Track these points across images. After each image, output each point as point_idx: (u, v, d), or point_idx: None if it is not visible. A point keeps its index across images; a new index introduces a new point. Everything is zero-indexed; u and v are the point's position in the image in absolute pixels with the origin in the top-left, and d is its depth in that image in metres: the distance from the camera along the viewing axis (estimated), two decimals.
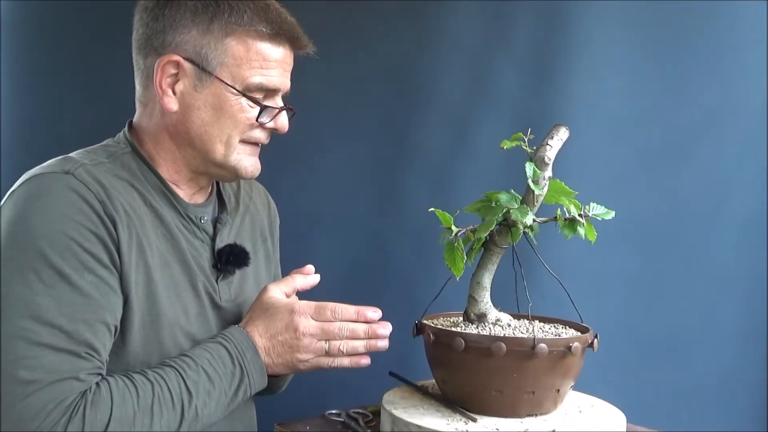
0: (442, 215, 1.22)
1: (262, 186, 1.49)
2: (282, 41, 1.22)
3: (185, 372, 1.12)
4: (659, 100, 1.84)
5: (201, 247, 1.26)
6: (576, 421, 1.20)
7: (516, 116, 1.85)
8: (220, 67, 1.19)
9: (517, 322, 1.29)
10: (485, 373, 1.17)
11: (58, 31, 2.05)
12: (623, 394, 1.34)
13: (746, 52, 1.81)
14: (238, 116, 1.21)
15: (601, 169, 1.86)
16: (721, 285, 1.83)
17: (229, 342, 1.18)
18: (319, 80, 1.90)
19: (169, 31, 1.19)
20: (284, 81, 1.25)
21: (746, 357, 1.82)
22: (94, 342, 1.07)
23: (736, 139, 1.83)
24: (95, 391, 1.05)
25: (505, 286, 1.25)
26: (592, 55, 1.85)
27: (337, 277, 1.88)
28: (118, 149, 1.23)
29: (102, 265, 1.09)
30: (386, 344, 1.23)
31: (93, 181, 1.12)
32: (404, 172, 1.92)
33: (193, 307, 1.22)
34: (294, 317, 1.20)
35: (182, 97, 1.20)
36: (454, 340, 1.16)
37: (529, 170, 1.19)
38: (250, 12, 1.19)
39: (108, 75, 2.00)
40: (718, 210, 1.83)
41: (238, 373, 1.16)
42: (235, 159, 1.24)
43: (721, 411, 1.82)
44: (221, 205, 1.35)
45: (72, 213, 1.08)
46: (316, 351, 1.20)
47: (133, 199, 1.17)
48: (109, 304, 1.09)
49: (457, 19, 1.90)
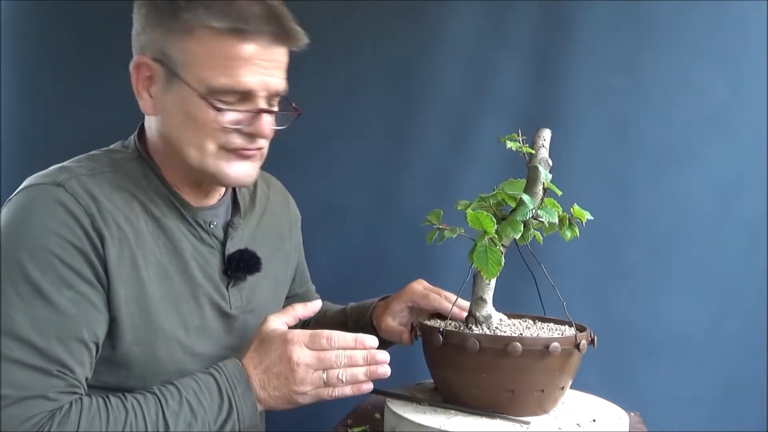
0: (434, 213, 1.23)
1: (280, 183, 1.45)
2: (252, 37, 1.10)
3: (167, 401, 1.08)
4: (664, 99, 1.84)
5: (209, 254, 1.22)
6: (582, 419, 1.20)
7: (516, 116, 1.85)
8: (184, 67, 1.12)
9: (519, 323, 1.29)
10: (499, 373, 1.16)
11: (58, 31, 2.05)
12: (626, 395, 1.34)
13: (752, 50, 1.80)
14: (202, 120, 1.12)
15: (605, 169, 1.85)
16: (728, 286, 1.82)
17: (220, 374, 1.12)
18: (318, 80, 1.90)
19: (142, 32, 1.15)
20: (264, 81, 1.13)
21: (752, 359, 1.82)
22: (67, 360, 1.04)
23: (743, 138, 1.82)
24: (65, 412, 1.03)
25: (500, 285, 1.26)
26: (593, 54, 1.85)
27: (336, 276, 1.88)
28: (124, 156, 1.20)
29: (84, 280, 1.07)
30: (387, 370, 1.15)
31: (84, 194, 1.09)
32: (404, 172, 1.92)
33: (193, 320, 1.18)
34: (288, 347, 1.12)
35: (156, 99, 1.16)
36: (467, 341, 1.16)
37: (543, 172, 1.20)
38: (207, 6, 1.10)
39: (108, 75, 1.99)
40: (724, 210, 1.83)
41: (226, 407, 1.10)
42: (213, 165, 1.15)
43: (725, 413, 1.82)
44: (235, 207, 1.30)
45: (56, 227, 1.06)
46: (313, 382, 1.12)
47: (132, 210, 1.14)
48: (88, 321, 1.06)
49: (457, 19, 1.89)
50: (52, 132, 2.06)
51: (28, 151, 2.08)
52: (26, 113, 2.07)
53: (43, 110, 2.07)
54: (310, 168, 1.93)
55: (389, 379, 1.17)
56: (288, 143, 1.96)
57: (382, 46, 1.93)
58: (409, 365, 1.36)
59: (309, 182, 1.93)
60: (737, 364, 1.82)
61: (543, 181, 1.20)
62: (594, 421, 1.20)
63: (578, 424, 1.18)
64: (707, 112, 1.83)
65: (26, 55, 2.05)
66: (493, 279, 1.22)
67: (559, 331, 1.26)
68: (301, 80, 1.99)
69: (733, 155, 1.82)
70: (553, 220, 1.18)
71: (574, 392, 1.34)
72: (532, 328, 1.26)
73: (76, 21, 2.07)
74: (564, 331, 1.26)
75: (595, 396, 1.35)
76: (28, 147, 2.09)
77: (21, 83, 2.04)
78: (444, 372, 1.24)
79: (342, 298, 1.55)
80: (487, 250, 1.16)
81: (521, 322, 1.31)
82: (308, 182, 1.93)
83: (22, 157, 2.06)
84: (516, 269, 1.27)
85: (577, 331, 1.24)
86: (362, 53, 1.93)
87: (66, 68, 2.05)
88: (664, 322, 1.83)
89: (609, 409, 1.27)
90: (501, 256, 1.17)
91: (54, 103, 2.02)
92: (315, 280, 1.59)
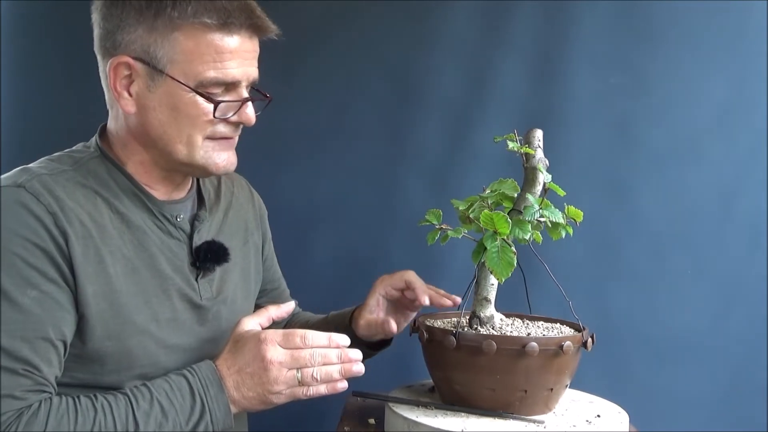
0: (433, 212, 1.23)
1: (243, 178, 1.46)
2: (235, 30, 1.14)
3: (137, 402, 1.08)
4: (665, 99, 1.84)
5: (177, 247, 1.23)
6: (580, 423, 1.20)
7: (516, 116, 1.85)
8: (171, 64, 1.13)
9: (520, 323, 1.29)
10: (477, 372, 1.17)
11: (58, 31, 2.05)
12: (627, 396, 1.34)
13: (753, 50, 1.80)
14: (194, 114, 1.15)
15: (605, 169, 1.85)
16: (729, 286, 1.82)
17: (193, 375, 1.12)
18: (318, 79, 1.90)
19: (117, 32, 1.15)
20: (246, 71, 1.17)
21: (753, 359, 1.81)
22: (33, 359, 1.04)
23: (744, 138, 1.82)
24: (34, 411, 1.03)
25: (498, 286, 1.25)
26: (593, 54, 1.85)
27: (335, 276, 1.88)
28: (86, 155, 1.20)
29: (48, 279, 1.07)
30: (362, 368, 1.15)
31: (45, 193, 1.09)
32: (403, 171, 1.92)
33: (164, 312, 1.18)
34: (261, 346, 1.12)
35: (138, 98, 1.16)
36: (446, 339, 1.17)
37: (544, 172, 1.20)
38: (194, 3, 1.12)
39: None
40: (725, 210, 1.83)
41: (198, 409, 1.10)
42: (202, 157, 1.18)
43: (726, 413, 1.82)
44: (200, 202, 1.31)
45: (17, 228, 1.06)
46: (287, 381, 1.12)
47: (95, 207, 1.14)
48: (53, 319, 1.06)
49: (457, 19, 1.89)
50: (51, 132, 2.06)
51: (27, 150, 2.07)
52: (26, 113, 2.07)
53: (43, 110, 2.06)
54: (310, 168, 1.93)
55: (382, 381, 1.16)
56: (288, 143, 1.97)
57: (382, 46, 1.93)
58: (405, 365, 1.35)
59: (309, 182, 1.93)
60: (738, 364, 1.82)
61: (543, 182, 1.21)
62: (589, 422, 1.20)
63: (573, 426, 1.18)
64: (708, 112, 1.83)
65: (26, 55, 2.05)
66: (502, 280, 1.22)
67: (555, 329, 1.27)
68: (301, 80, 1.99)
69: (734, 155, 1.82)
70: (558, 220, 1.18)
71: (574, 392, 1.35)
72: (530, 327, 1.27)
73: (76, 21, 2.06)
74: (560, 330, 1.26)
75: (594, 395, 1.35)
76: (27, 147, 2.08)
77: (21, 83, 2.04)
78: (455, 374, 1.22)
79: (342, 298, 1.55)
80: (500, 252, 1.16)
81: (518, 321, 1.31)
82: (308, 182, 1.93)
83: (21, 157, 2.05)
84: (518, 270, 1.27)
85: (573, 331, 1.25)
86: (362, 53, 1.93)
87: (66, 68, 2.05)
88: (665, 322, 1.83)
89: (608, 410, 1.27)
90: (514, 257, 1.17)
91: (54, 103, 2.02)
92: (315, 280, 1.58)
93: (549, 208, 1.19)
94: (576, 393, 1.35)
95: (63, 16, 2.04)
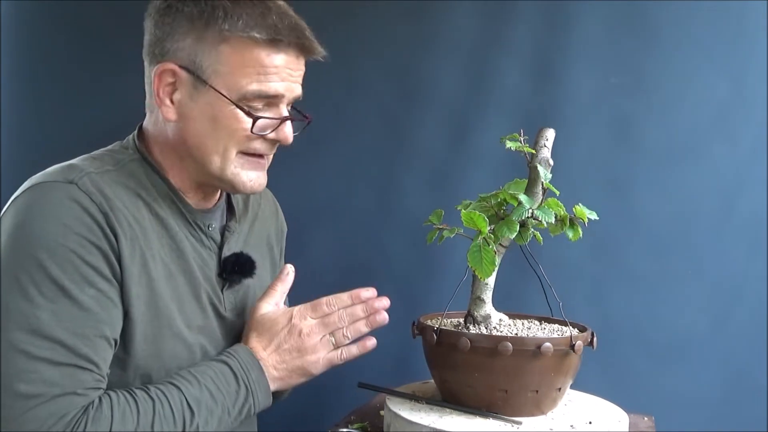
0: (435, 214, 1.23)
1: (271, 193, 1.46)
2: (283, 47, 1.16)
3: (187, 389, 1.11)
4: (665, 99, 1.83)
5: (208, 256, 1.24)
6: (579, 420, 1.20)
7: (516, 115, 1.85)
8: (214, 75, 1.14)
9: (520, 323, 1.29)
10: (491, 373, 1.17)
11: (58, 31, 2.05)
12: (627, 396, 1.34)
13: (753, 50, 1.80)
14: (233, 127, 1.16)
15: (606, 169, 1.85)
16: (729, 287, 1.82)
17: (233, 360, 1.17)
18: (318, 79, 1.90)
19: (167, 39, 1.16)
20: (288, 87, 1.18)
21: (754, 360, 1.81)
22: (93, 356, 1.06)
23: (745, 138, 1.82)
24: (97, 406, 1.04)
25: (500, 286, 1.25)
26: (593, 54, 1.85)
27: (335, 276, 1.88)
28: (126, 156, 1.20)
29: (103, 278, 1.08)
30: (386, 317, 1.25)
31: (97, 192, 1.10)
32: (403, 172, 1.92)
33: (196, 319, 1.20)
34: (294, 322, 1.21)
35: (179, 106, 1.17)
36: (459, 341, 1.16)
37: (543, 172, 1.20)
38: (246, 17, 1.13)
39: (108, 75, 2.00)
40: (726, 211, 1.82)
41: (243, 392, 1.15)
42: (232, 172, 1.18)
43: (727, 413, 1.82)
44: (230, 212, 1.32)
45: (74, 225, 1.06)
46: (324, 346, 1.21)
47: (138, 209, 1.15)
48: (109, 318, 1.08)
49: (457, 19, 1.89)
50: (52, 132, 2.06)
51: (27, 150, 2.08)
52: (26, 113, 2.07)
53: (43, 110, 2.07)
54: (310, 167, 1.93)
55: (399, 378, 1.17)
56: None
57: (382, 46, 1.93)
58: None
59: (309, 182, 1.93)
60: (739, 364, 1.82)
61: (543, 182, 1.20)
62: (590, 423, 1.20)
63: (572, 426, 1.18)
64: (708, 112, 1.83)
65: (26, 56, 2.05)
66: (490, 279, 1.22)
67: (560, 331, 1.26)
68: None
69: (734, 155, 1.82)
70: (551, 220, 1.18)
71: (575, 393, 1.35)
72: (533, 329, 1.26)
73: (76, 22, 2.07)
74: (564, 332, 1.25)
75: (596, 397, 1.35)
76: (27, 147, 2.09)
77: (20, 83, 2.04)
78: (440, 371, 1.24)
79: None
80: (481, 250, 1.16)
81: (524, 322, 1.30)
82: (308, 182, 1.93)
83: (21, 157, 2.05)
84: (519, 270, 1.27)
85: (578, 331, 1.24)
86: (362, 53, 1.93)
87: (65, 68, 2.05)
88: (666, 322, 1.83)
89: (608, 411, 1.27)
90: (495, 255, 1.17)
91: (53, 103, 2.02)
92: (315, 280, 1.58)
93: (543, 209, 1.18)
94: (576, 393, 1.35)
95: (63, 16, 2.04)
